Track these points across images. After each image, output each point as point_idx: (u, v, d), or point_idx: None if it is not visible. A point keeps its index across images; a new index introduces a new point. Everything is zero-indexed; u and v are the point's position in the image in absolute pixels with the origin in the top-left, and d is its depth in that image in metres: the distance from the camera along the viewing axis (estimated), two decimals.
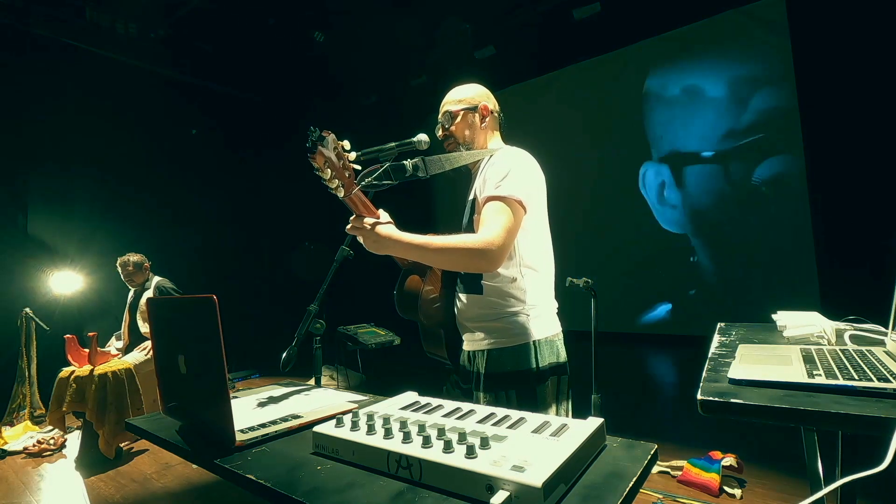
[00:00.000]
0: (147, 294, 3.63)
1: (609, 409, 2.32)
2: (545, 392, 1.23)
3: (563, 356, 1.30)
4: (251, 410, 1.07)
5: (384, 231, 1.13)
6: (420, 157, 1.20)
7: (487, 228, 1.15)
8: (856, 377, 0.77)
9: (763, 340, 1.24)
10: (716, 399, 0.78)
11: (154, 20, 5.61)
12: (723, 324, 1.52)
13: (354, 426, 0.79)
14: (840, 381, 0.76)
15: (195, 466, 2.44)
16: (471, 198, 1.35)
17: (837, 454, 1.01)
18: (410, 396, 0.98)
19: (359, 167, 1.09)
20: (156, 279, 3.73)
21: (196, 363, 0.94)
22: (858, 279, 3.70)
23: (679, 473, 2.37)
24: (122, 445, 3.19)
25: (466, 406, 0.88)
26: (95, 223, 5.17)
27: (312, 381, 1.37)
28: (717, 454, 2.40)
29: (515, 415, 0.81)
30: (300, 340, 1.20)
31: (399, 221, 1.21)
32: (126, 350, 3.57)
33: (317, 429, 0.81)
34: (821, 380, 0.78)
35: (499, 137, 1.43)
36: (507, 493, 0.56)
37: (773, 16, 4.86)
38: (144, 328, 3.58)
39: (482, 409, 0.86)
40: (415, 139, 1.30)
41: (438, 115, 1.40)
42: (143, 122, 5.73)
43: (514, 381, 1.23)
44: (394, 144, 1.23)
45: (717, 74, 5.26)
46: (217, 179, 6.64)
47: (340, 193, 1.05)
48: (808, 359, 0.92)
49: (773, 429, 2.95)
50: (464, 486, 0.61)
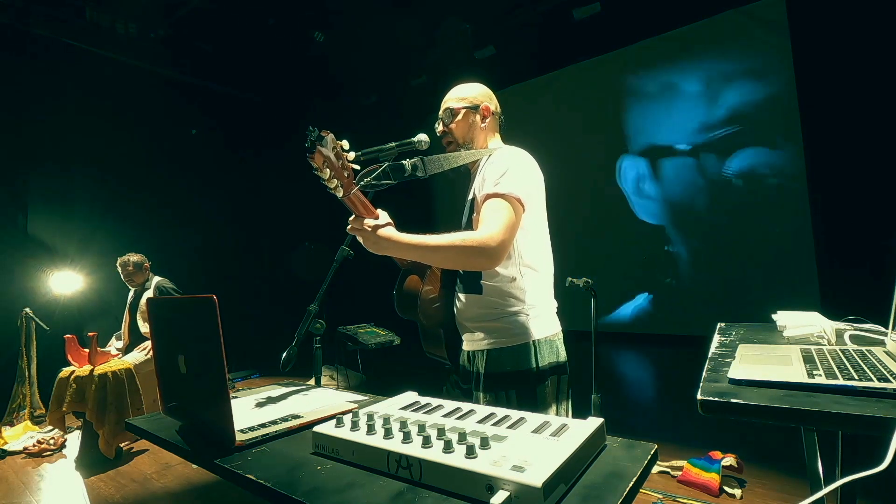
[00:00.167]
0: (147, 294, 3.63)
1: (609, 409, 2.32)
2: (545, 392, 1.23)
3: (563, 356, 1.30)
4: (251, 410, 1.07)
5: (383, 232, 1.13)
6: (419, 157, 1.20)
7: (487, 225, 1.15)
8: (856, 377, 0.77)
9: (763, 340, 1.24)
10: (716, 399, 0.78)
11: (154, 20, 5.61)
12: (723, 324, 1.52)
13: (354, 426, 0.79)
14: (840, 381, 0.76)
15: (195, 466, 2.44)
16: (470, 197, 1.35)
17: (837, 454, 1.01)
18: (410, 396, 0.98)
19: (357, 167, 1.09)
20: (156, 279, 3.73)
21: (196, 363, 0.94)
22: (858, 279, 3.70)
23: (679, 473, 2.37)
24: (122, 445, 3.19)
25: (466, 406, 0.88)
26: (95, 223, 5.17)
27: (312, 381, 1.36)
28: (717, 454, 2.39)
29: (515, 415, 0.81)
30: (300, 340, 1.20)
31: (399, 221, 1.21)
32: (126, 350, 3.57)
33: (317, 429, 0.81)
34: (821, 380, 0.78)
35: (498, 138, 1.43)
36: (507, 493, 0.56)
37: (773, 16, 4.86)
38: (144, 328, 3.58)
39: (482, 409, 0.86)
40: (415, 139, 1.30)
41: (439, 111, 1.40)
42: (144, 122, 5.73)
43: (514, 381, 1.23)
44: (394, 144, 1.23)
45: (717, 74, 5.26)
46: (217, 179, 6.64)
47: (339, 193, 1.05)
48: (808, 359, 0.92)
49: (773, 429, 2.95)
50: (464, 486, 0.61)
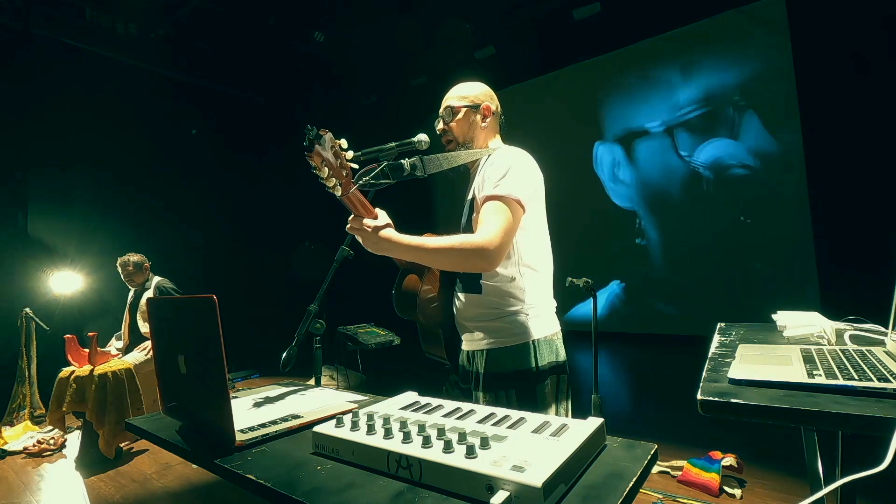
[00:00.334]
0: (147, 294, 3.63)
1: (609, 409, 2.32)
2: (545, 391, 1.23)
3: (563, 355, 1.30)
4: (251, 410, 1.07)
5: (383, 232, 1.13)
6: (418, 157, 1.20)
7: (485, 228, 1.15)
8: (856, 377, 0.77)
9: (763, 340, 1.24)
10: (716, 399, 0.78)
11: (154, 20, 5.62)
12: (723, 324, 1.52)
13: (354, 426, 0.79)
14: (840, 381, 0.76)
15: (195, 466, 2.44)
16: (469, 197, 1.35)
17: (837, 454, 1.00)
18: (410, 396, 0.98)
19: (356, 166, 1.08)
20: (156, 279, 3.73)
21: (196, 363, 0.94)
22: (858, 279, 3.70)
23: (679, 473, 2.37)
24: (122, 445, 3.19)
25: (466, 406, 0.88)
26: (95, 223, 5.17)
27: (312, 381, 1.36)
28: (717, 454, 2.39)
29: (515, 415, 0.81)
30: (300, 340, 1.20)
31: (398, 221, 1.21)
32: (126, 350, 3.57)
33: (317, 429, 0.81)
34: (821, 380, 0.78)
35: (498, 138, 1.43)
36: (507, 493, 0.56)
37: (773, 16, 4.86)
38: (144, 328, 3.58)
39: (482, 409, 0.86)
40: (415, 139, 1.30)
41: (440, 109, 1.40)
42: (144, 122, 5.73)
43: (514, 381, 1.23)
44: (394, 144, 1.23)
45: (717, 74, 5.26)
46: (217, 179, 6.64)
47: (338, 192, 1.05)
48: (808, 359, 0.92)
49: (773, 429, 2.95)
50: (464, 486, 0.61)
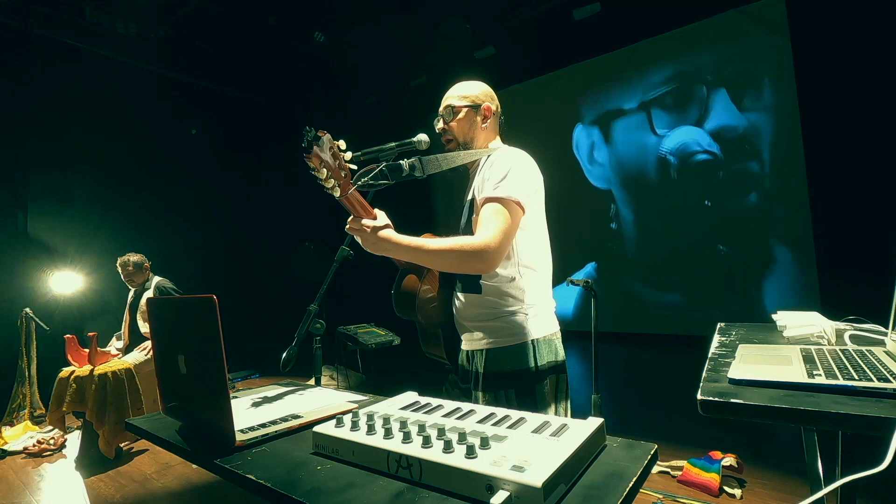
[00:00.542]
0: (147, 294, 3.63)
1: (609, 409, 2.33)
2: (544, 391, 1.23)
3: (562, 355, 1.30)
4: (251, 410, 1.07)
5: (382, 232, 1.13)
6: (417, 157, 1.20)
7: (484, 230, 1.15)
8: (856, 377, 0.77)
9: (763, 340, 1.24)
10: (716, 399, 0.78)
11: (154, 20, 5.62)
12: (723, 324, 1.52)
13: (354, 426, 0.79)
14: (840, 381, 0.76)
15: (195, 466, 2.44)
16: (469, 198, 1.35)
17: (837, 454, 1.00)
18: (410, 396, 0.98)
19: (355, 167, 1.08)
20: (156, 279, 3.73)
21: (196, 363, 0.94)
22: (858, 279, 3.70)
23: (679, 473, 2.37)
24: (122, 445, 3.19)
25: (466, 406, 0.88)
26: (95, 223, 5.17)
27: (312, 381, 1.36)
28: (717, 454, 2.39)
29: (515, 415, 0.81)
30: (300, 340, 1.20)
31: (398, 222, 1.21)
32: (126, 350, 3.57)
33: (317, 429, 0.81)
34: (821, 380, 0.78)
35: (498, 138, 1.43)
36: (507, 493, 0.56)
37: (773, 16, 4.86)
38: (144, 328, 3.58)
39: (482, 409, 0.86)
40: (415, 139, 1.30)
41: (440, 108, 1.39)
42: (143, 122, 5.73)
43: (514, 381, 1.23)
44: (394, 144, 1.23)
45: (717, 74, 5.26)
46: (217, 179, 6.64)
47: (336, 193, 1.05)
48: (808, 359, 0.92)
49: (773, 429, 2.95)
50: (464, 486, 0.61)
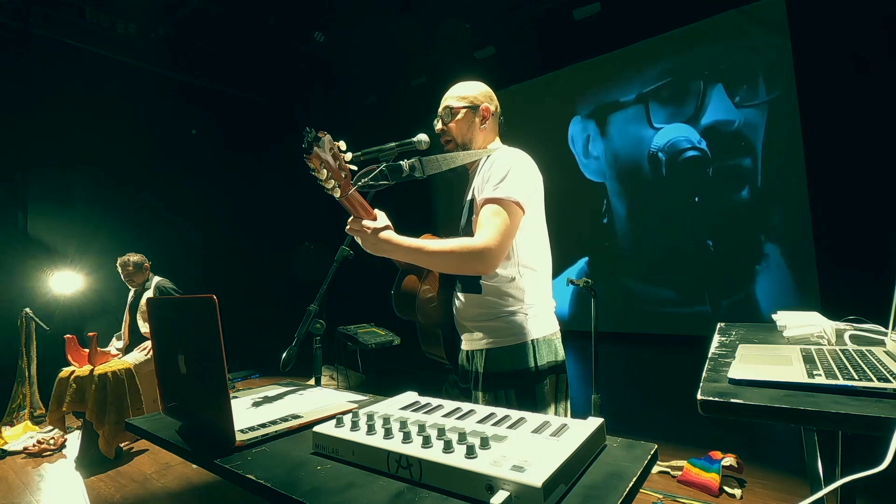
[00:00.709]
0: (147, 294, 3.63)
1: (609, 409, 2.33)
2: (544, 391, 1.23)
3: (562, 355, 1.30)
4: (251, 410, 1.07)
5: (382, 233, 1.14)
6: (417, 158, 1.20)
7: (483, 232, 1.15)
8: (856, 377, 0.77)
9: (763, 340, 1.24)
10: (716, 399, 0.78)
11: (154, 20, 5.62)
12: (723, 324, 1.52)
13: (354, 426, 0.79)
14: (840, 381, 0.76)
15: (195, 466, 2.44)
16: (469, 198, 1.35)
17: (837, 454, 1.00)
18: (410, 396, 0.98)
19: (355, 167, 1.09)
20: (156, 279, 3.73)
21: (196, 363, 0.94)
22: (858, 279, 3.70)
23: (679, 473, 2.37)
24: (122, 445, 3.19)
25: (466, 406, 0.88)
26: (95, 223, 5.17)
27: (312, 381, 1.36)
28: (717, 454, 2.39)
29: (515, 415, 0.81)
30: (300, 340, 1.20)
31: (398, 222, 1.21)
32: (126, 350, 3.57)
33: (317, 429, 0.81)
34: (821, 380, 0.78)
35: (497, 139, 1.43)
36: (507, 493, 0.56)
37: (773, 16, 4.86)
38: (144, 328, 3.58)
39: (482, 409, 0.86)
40: (415, 139, 1.30)
41: (439, 108, 1.39)
42: (143, 122, 5.73)
43: (513, 381, 1.23)
44: (394, 144, 1.24)
45: (717, 74, 5.26)
46: (217, 179, 6.64)
47: (337, 194, 1.05)
48: (808, 359, 0.92)
49: (773, 429, 2.96)
50: (464, 486, 0.61)
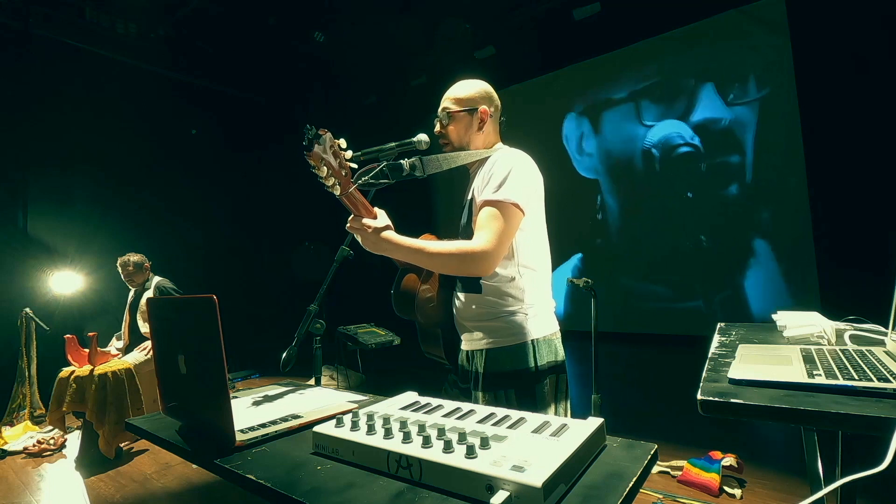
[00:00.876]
0: (147, 294, 3.63)
1: (609, 409, 2.33)
2: (544, 391, 1.23)
3: (562, 355, 1.30)
4: (251, 410, 1.07)
5: (382, 233, 1.14)
6: (418, 157, 1.21)
7: (482, 234, 1.15)
8: (856, 377, 0.77)
9: (763, 340, 1.24)
10: (716, 399, 0.78)
11: (154, 20, 5.62)
12: (723, 324, 1.52)
13: (354, 426, 0.79)
14: (840, 381, 0.76)
15: (195, 466, 2.44)
16: (469, 198, 1.35)
17: (837, 454, 1.00)
18: (410, 396, 0.98)
19: (355, 166, 1.09)
20: (156, 279, 3.73)
21: (196, 363, 0.94)
22: (858, 279, 3.70)
23: (679, 473, 2.37)
24: (122, 445, 3.19)
25: (466, 406, 0.88)
26: (95, 223, 5.17)
27: (312, 381, 1.36)
28: (717, 454, 2.39)
29: (515, 415, 0.81)
30: (300, 340, 1.20)
31: (398, 222, 1.21)
32: (126, 350, 3.57)
33: (317, 429, 0.81)
34: (821, 380, 0.78)
35: (498, 139, 1.42)
36: (507, 493, 0.56)
37: (773, 16, 4.86)
38: (144, 328, 3.58)
39: (482, 409, 0.86)
40: (415, 139, 1.30)
41: (439, 109, 1.39)
42: (143, 122, 5.73)
43: (513, 381, 1.23)
44: (394, 144, 1.24)
45: (717, 74, 5.26)
46: (217, 179, 6.64)
47: (337, 192, 1.05)
48: (808, 359, 0.92)
49: (773, 429, 2.96)
50: (464, 486, 0.61)
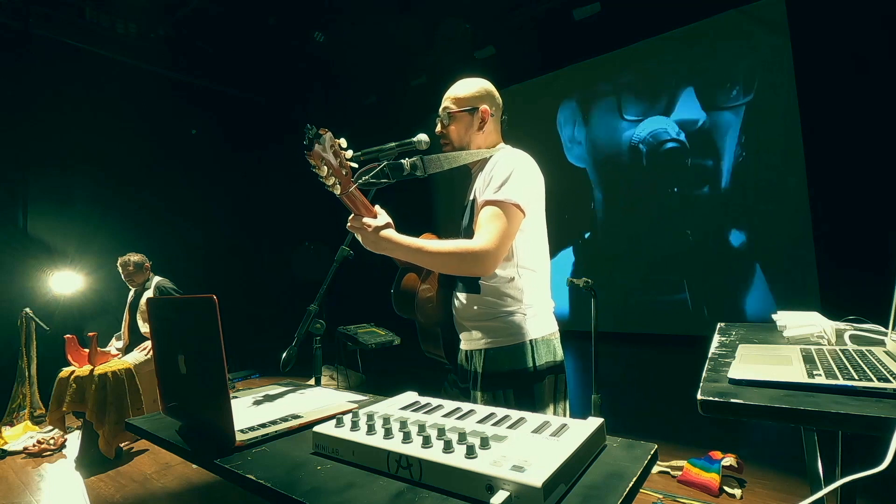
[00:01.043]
0: (147, 294, 3.63)
1: (609, 409, 2.33)
2: (543, 391, 1.23)
3: (561, 355, 1.30)
4: (251, 410, 1.07)
5: (382, 232, 1.14)
6: (419, 157, 1.21)
7: (483, 234, 1.15)
8: (856, 377, 0.77)
9: (763, 340, 1.24)
10: (716, 399, 0.78)
11: (154, 20, 5.62)
12: (723, 324, 1.52)
13: (354, 426, 0.79)
14: (840, 381, 0.76)
15: (195, 466, 2.44)
16: (470, 198, 1.35)
17: (837, 454, 1.00)
18: (410, 396, 0.98)
19: (356, 165, 1.09)
20: (156, 279, 3.73)
21: (196, 363, 0.94)
22: (858, 279, 3.70)
23: (679, 473, 2.37)
24: (122, 445, 3.19)
25: (466, 406, 0.88)
26: (95, 223, 5.17)
27: (312, 381, 1.36)
28: (717, 454, 2.39)
29: (515, 415, 0.81)
30: (300, 340, 1.20)
31: (398, 221, 1.21)
32: (126, 350, 3.57)
33: (317, 429, 0.81)
34: (821, 380, 0.78)
35: (499, 139, 1.41)
36: (507, 493, 0.56)
37: (773, 16, 4.86)
38: (144, 328, 3.58)
39: (482, 409, 0.86)
40: (415, 139, 1.30)
41: (440, 109, 1.38)
42: (143, 122, 5.73)
43: (512, 381, 1.23)
44: (394, 144, 1.24)
45: (717, 74, 5.26)
46: (217, 179, 6.65)
47: (337, 191, 1.05)
48: (808, 359, 0.92)
49: (773, 429, 2.95)
50: (464, 486, 0.61)
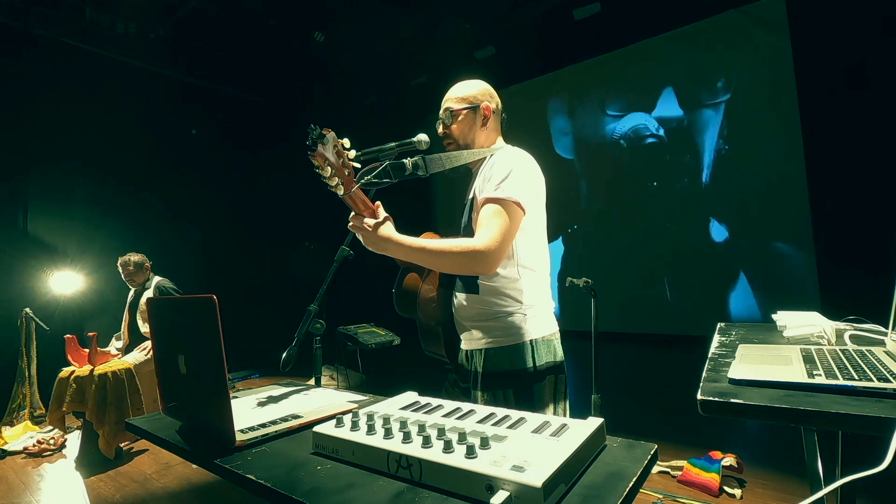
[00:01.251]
0: (147, 294, 3.63)
1: (609, 409, 2.33)
2: (543, 391, 1.23)
3: (561, 356, 1.30)
4: (251, 410, 1.07)
5: (383, 231, 1.14)
6: (420, 156, 1.21)
7: (484, 232, 1.15)
8: (856, 377, 0.77)
9: (763, 340, 1.24)
10: (716, 399, 0.78)
11: (154, 20, 5.62)
12: (723, 324, 1.52)
13: (354, 426, 0.79)
14: (840, 381, 0.76)
15: (195, 466, 2.44)
16: (470, 197, 1.35)
17: (837, 454, 1.00)
18: (410, 396, 0.98)
19: (358, 165, 1.09)
20: (156, 279, 3.73)
21: (196, 363, 0.94)
22: (858, 279, 3.70)
23: (679, 473, 2.37)
24: (122, 445, 3.19)
25: (466, 406, 0.88)
26: (95, 223, 5.17)
27: (312, 381, 1.37)
28: (717, 454, 2.39)
29: (515, 415, 0.81)
30: (300, 340, 1.20)
31: (399, 221, 1.21)
32: (126, 350, 3.57)
33: (317, 429, 0.81)
34: (821, 380, 0.78)
35: (500, 138, 1.43)
36: (507, 493, 0.56)
37: (773, 16, 4.86)
38: (144, 328, 3.58)
39: (482, 409, 0.86)
40: (415, 139, 1.31)
41: (440, 110, 1.39)
42: (143, 122, 5.73)
43: (512, 381, 1.23)
44: (394, 144, 1.24)
45: (717, 74, 5.26)
46: (217, 179, 6.65)
47: (340, 191, 1.06)
48: (808, 359, 0.92)
49: (773, 429, 2.95)
50: (464, 486, 0.61)
